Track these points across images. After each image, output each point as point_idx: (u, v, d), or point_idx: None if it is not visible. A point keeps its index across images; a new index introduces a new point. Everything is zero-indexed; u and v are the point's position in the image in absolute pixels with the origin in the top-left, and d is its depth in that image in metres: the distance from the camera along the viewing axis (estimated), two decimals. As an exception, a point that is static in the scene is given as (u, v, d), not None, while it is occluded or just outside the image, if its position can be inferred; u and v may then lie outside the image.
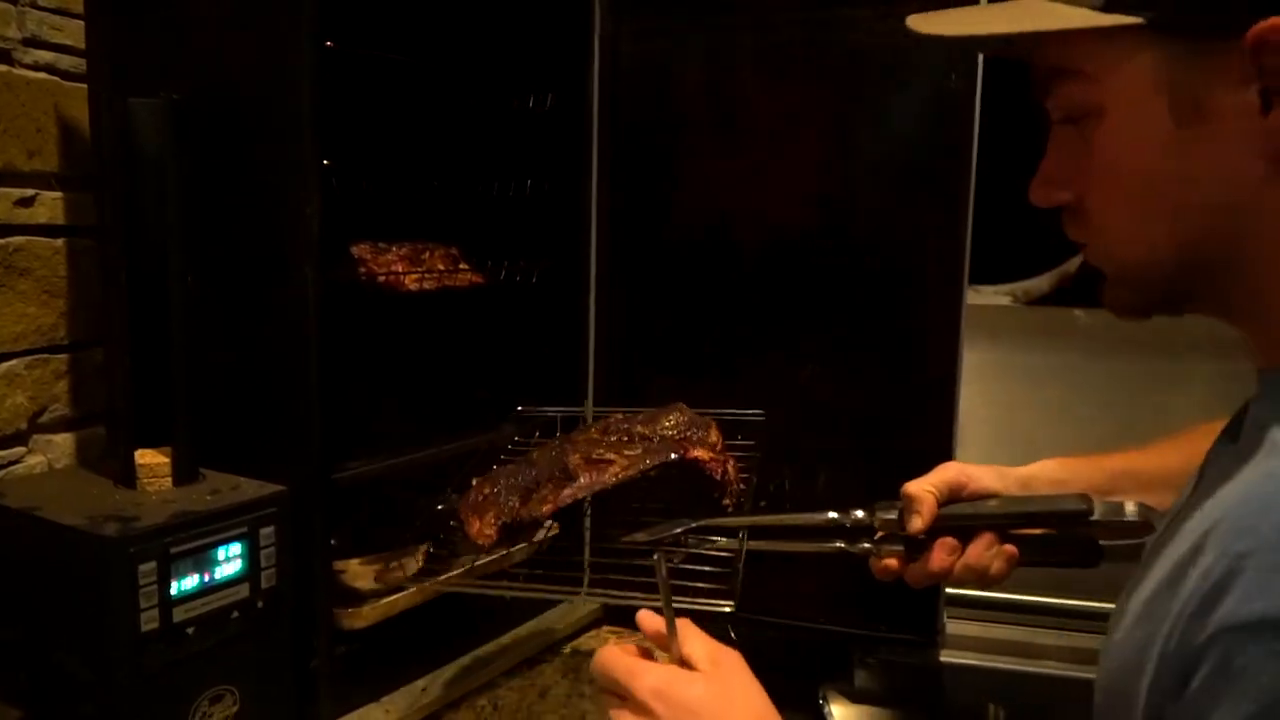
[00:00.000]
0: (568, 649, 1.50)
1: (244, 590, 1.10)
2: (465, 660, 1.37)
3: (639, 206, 1.52)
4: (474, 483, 1.17)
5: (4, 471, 1.29)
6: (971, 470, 1.05)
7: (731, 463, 1.19)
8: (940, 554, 1.01)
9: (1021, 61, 0.72)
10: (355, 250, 1.31)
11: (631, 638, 1.52)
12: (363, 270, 1.29)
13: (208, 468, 1.19)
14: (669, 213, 1.52)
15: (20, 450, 1.32)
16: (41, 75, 1.32)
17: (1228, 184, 0.62)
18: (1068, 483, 1.04)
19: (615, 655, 0.85)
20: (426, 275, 1.34)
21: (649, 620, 0.90)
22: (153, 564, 1.01)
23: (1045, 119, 0.73)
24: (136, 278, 1.14)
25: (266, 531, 1.12)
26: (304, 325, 1.14)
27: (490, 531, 1.12)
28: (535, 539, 1.36)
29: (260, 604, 1.12)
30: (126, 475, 1.13)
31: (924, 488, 1.03)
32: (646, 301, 1.54)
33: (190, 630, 1.05)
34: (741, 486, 1.19)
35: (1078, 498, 0.99)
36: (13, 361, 1.30)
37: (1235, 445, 0.66)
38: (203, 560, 1.06)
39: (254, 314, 1.19)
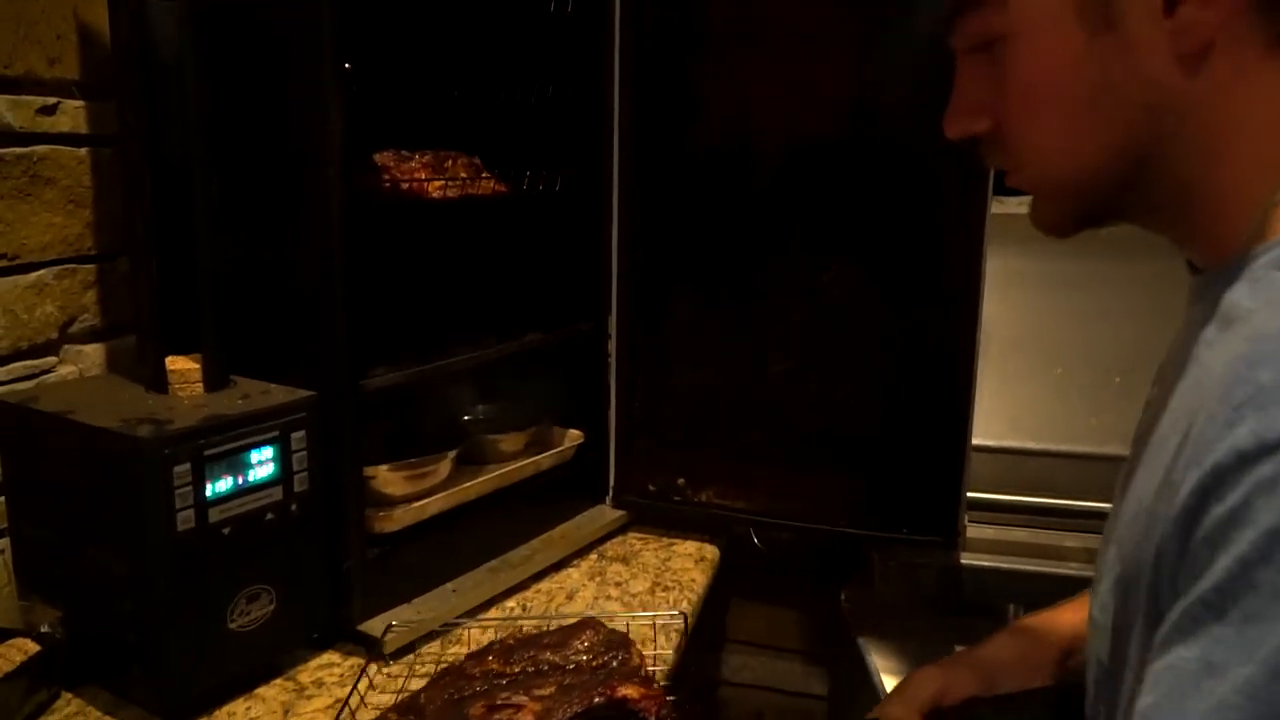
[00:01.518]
0: (594, 554, 1.52)
1: (277, 493, 1.12)
2: (493, 563, 1.39)
3: (661, 114, 1.50)
4: None
5: (35, 381, 1.31)
6: (953, 680, 0.98)
7: (666, 704, 1.04)
8: None
9: None
10: (378, 158, 1.31)
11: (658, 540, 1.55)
12: (386, 178, 1.29)
13: (238, 375, 1.21)
14: (692, 120, 1.50)
15: (52, 360, 1.34)
16: (57, -22, 1.30)
17: (1145, 87, 0.64)
18: (1030, 657, 0.98)
19: None
20: (450, 183, 1.34)
21: None
22: (187, 465, 1.03)
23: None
24: (160, 185, 1.15)
25: (297, 436, 1.13)
26: (329, 232, 1.14)
27: None
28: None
29: (293, 506, 1.14)
30: (158, 381, 1.15)
31: (905, 712, 0.96)
32: (669, 210, 1.53)
33: (226, 530, 1.07)
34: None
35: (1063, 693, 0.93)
36: (41, 271, 1.31)
37: (1188, 343, 0.67)
38: (236, 463, 1.08)
39: (280, 221, 1.19)
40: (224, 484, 1.07)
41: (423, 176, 1.31)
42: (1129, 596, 0.65)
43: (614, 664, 1.08)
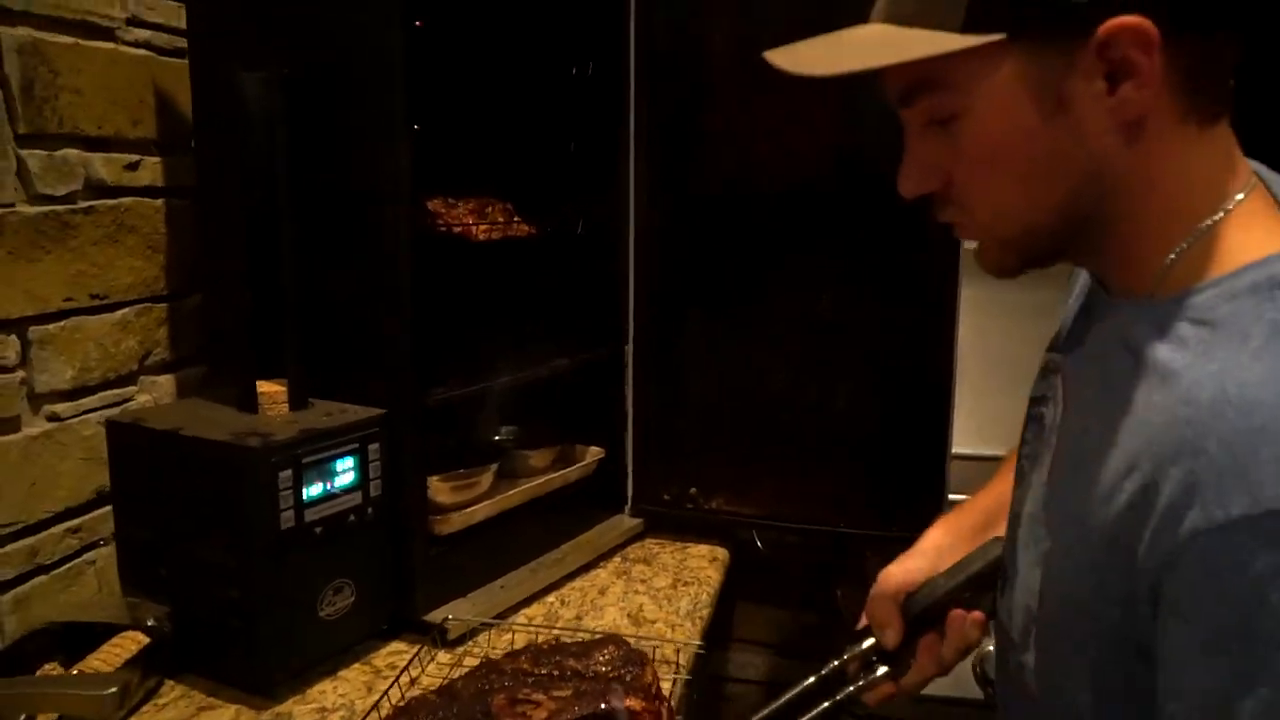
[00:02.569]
0: (617, 557, 1.68)
1: (357, 498, 1.28)
2: (533, 564, 1.55)
3: (672, 160, 1.68)
4: (389, 714, 1.13)
5: (120, 409, 1.45)
6: (910, 569, 1.09)
7: (664, 707, 1.15)
8: (926, 656, 1.05)
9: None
10: (430, 204, 1.48)
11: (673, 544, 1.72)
12: (440, 222, 1.46)
13: (312, 397, 1.36)
14: (699, 164, 1.69)
15: (132, 389, 1.49)
16: (141, 51, 1.47)
17: (1091, 156, 0.72)
18: (961, 535, 1.12)
19: None
20: (493, 227, 1.51)
21: None
22: (289, 471, 1.19)
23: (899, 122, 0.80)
24: (249, 229, 1.31)
25: (373, 447, 1.30)
26: (398, 268, 1.30)
27: None
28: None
29: (369, 510, 1.30)
30: (248, 402, 1.30)
31: (882, 605, 1.08)
32: (679, 244, 1.71)
33: (318, 530, 1.23)
34: None
35: (995, 542, 1.02)
36: (125, 310, 1.47)
37: (1104, 365, 0.78)
38: (325, 470, 1.24)
39: (353, 259, 1.34)
40: (315, 489, 1.23)
41: (470, 221, 1.49)
42: (1062, 575, 0.78)
43: (628, 677, 1.15)
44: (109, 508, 1.41)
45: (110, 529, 1.41)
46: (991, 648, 1.07)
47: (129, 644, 1.22)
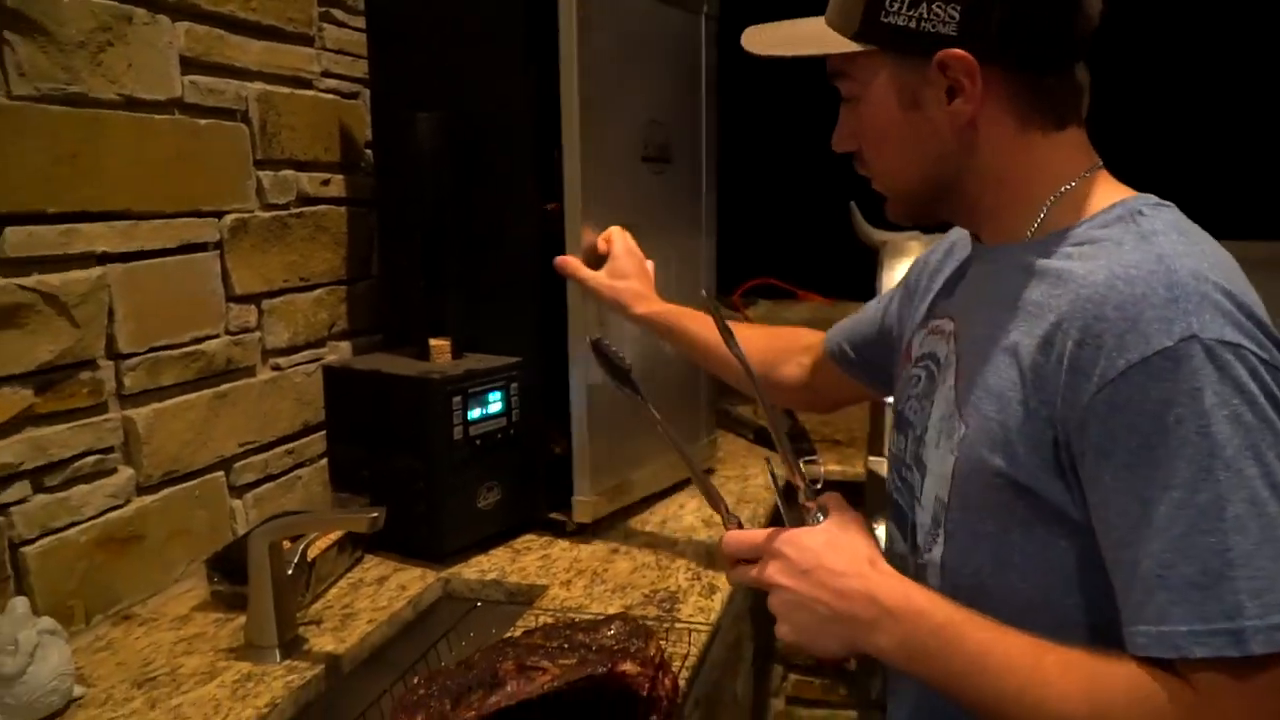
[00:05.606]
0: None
1: (503, 421, 1.75)
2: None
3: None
4: (414, 681, 1.24)
5: (316, 365, 1.94)
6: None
7: (668, 676, 1.24)
8: None
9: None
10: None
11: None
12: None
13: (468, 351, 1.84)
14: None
15: (323, 350, 1.97)
16: (330, 96, 1.96)
17: (939, 144, 0.96)
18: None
19: (741, 533, 1.04)
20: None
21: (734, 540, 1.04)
22: (459, 398, 1.66)
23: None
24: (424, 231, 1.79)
25: (514, 385, 1.77)
26: (527, 255, 1.76)
27: None
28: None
29: (512, 431, 1.77)
30: (424, 353, 1.78)
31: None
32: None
33: (477, 442, 1.70)
34: (671, 701, 1.22)
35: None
36: (320, 290, 1.96)
37: (997, 285, 0.96)
38: (481, 400, 1.71)
39: (496, 249, 1.80)
40: (475, 413, 1.70)
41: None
42: (976, 450, 0.93)
43: (632, 649, 1.22)
44: (312, 436, 1.90)
45: (314, 452, 1.91)
46: None
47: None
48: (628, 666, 1.18)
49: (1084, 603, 0.89)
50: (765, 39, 1.05)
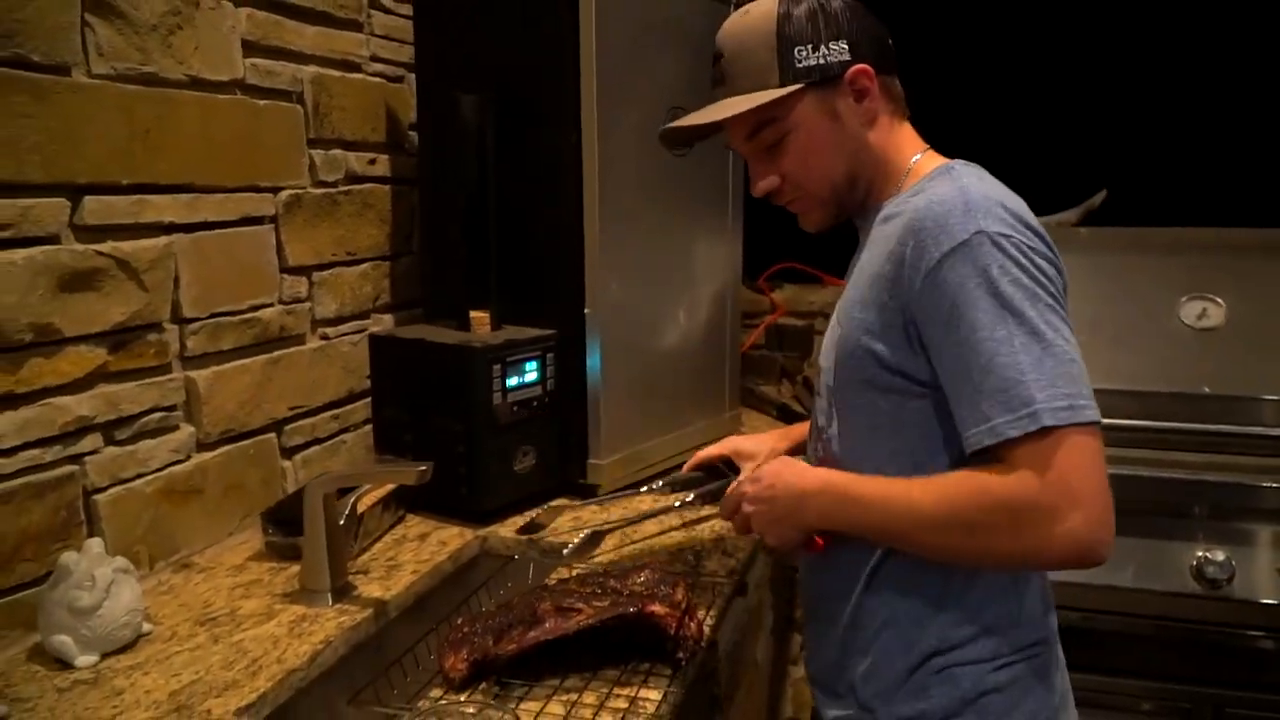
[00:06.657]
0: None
1: (539, 390, 1.85)
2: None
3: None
4: (458, 621, 1.34)
5: (361, 335, 2.04)
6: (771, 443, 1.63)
7: (694, 619, 1.34)
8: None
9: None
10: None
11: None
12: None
13: (506, 323, 1.93)
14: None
15: (367, 322, 2.08)
16: (377, 80, 2.06)
17: (856, 140, 1.27)
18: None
19: (726, 496, 1.38)
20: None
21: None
22: (499, 365, 1.76)
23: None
24: (466, 208, 1.88)
25: (550, 355, 1.86)
26: (564, 233, 1.86)
27: (462, 667, 1.29)
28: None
29: (547, 399, 1.86)
30: (465, 324, 1.87)
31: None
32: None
33: (515, 408, 1.80)
34: (696, 642, 1.33)
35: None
36: (365, 265, 2.06)
37: (869, 234, 1.27)
38: (519, 368, 1.80)
39: (534, 227, 1.90)
40: (513, 381, 1.79)
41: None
42: (847, 339, 1.23)
43: (660, 594, 1.33)
44: (357, 404, 2.01)
45: (358, 419, 2.01)
46: None
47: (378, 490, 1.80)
48: (657, 608, 1.28)
49: (937, 446, 1.18)
50: (690, 123, 1.32)
